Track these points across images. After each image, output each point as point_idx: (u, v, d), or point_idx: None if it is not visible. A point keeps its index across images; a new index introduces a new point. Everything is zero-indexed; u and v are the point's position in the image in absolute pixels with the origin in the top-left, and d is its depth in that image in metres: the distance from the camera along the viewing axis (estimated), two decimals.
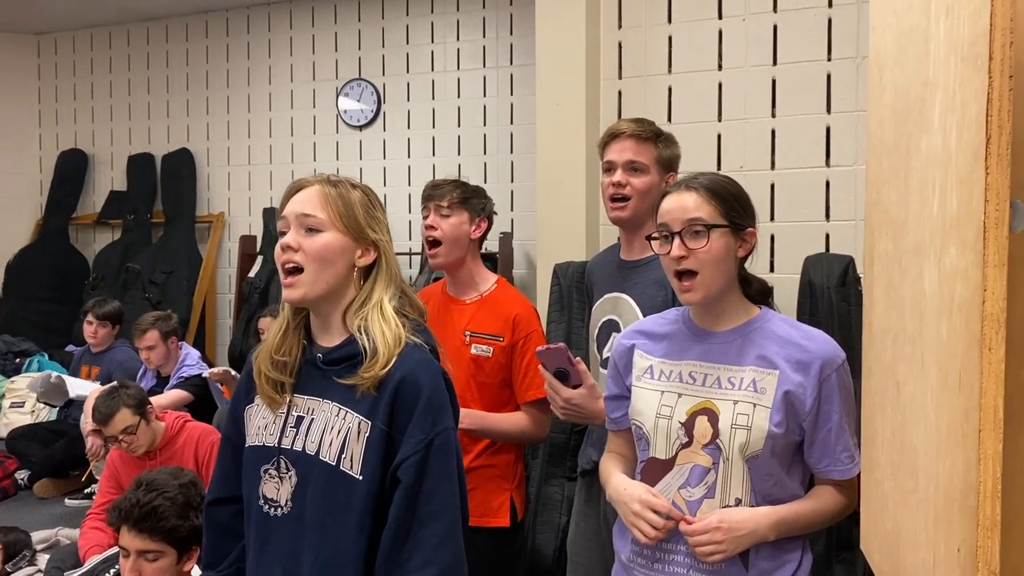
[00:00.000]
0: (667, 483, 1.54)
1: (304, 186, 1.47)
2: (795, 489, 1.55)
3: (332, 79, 5.67)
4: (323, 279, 1.42)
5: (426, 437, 1.37)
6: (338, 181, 1.47)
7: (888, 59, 1.19)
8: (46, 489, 4.35)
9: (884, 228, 1.18)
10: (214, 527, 1.57)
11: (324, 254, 1.41)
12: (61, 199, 6.44)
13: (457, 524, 1.40)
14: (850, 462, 1.52)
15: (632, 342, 1.68)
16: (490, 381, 2.30)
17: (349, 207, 1.44)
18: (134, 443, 3.15)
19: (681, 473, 1.53)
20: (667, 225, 1.56)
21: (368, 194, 1.50)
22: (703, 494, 1.51)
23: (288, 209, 1.45)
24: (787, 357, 1.50)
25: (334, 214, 1.43)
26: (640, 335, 1.68)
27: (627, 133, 2.06)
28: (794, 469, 1.54)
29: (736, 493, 1.50)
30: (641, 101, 3.62)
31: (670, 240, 1.54)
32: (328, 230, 1.42)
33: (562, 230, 3.56)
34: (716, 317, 1.58)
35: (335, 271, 1.42)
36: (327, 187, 1.45)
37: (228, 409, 1.61)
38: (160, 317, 4.23)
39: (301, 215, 1.43)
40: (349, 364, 1.41)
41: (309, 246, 1.41)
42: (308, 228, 1.42)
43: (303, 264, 1.41)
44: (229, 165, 6.05)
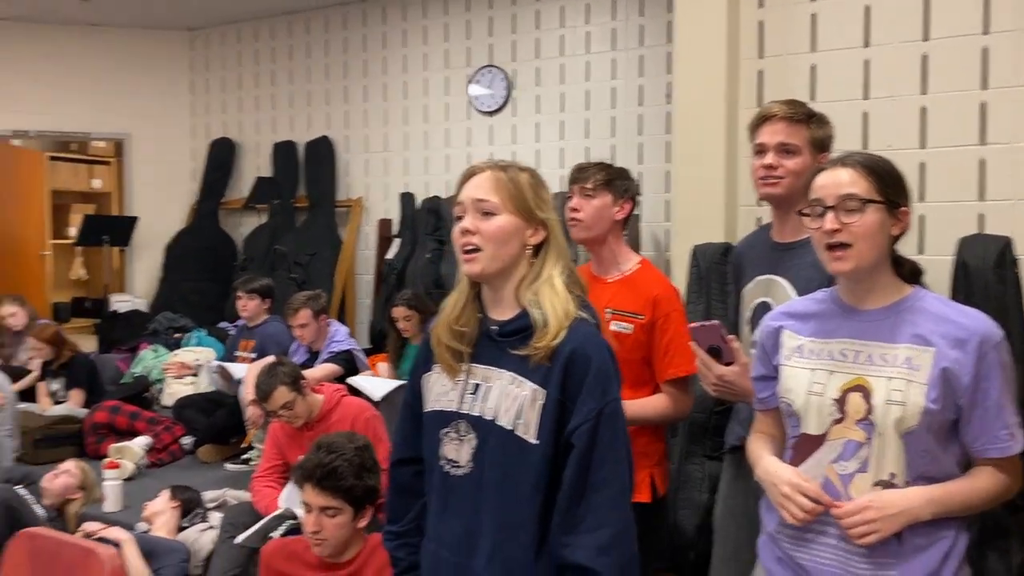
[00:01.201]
0: (819, 458, 1.57)
1: (477, 172, 1.57)
2: (950, 468, 1.54)
3: (464, 66, 5.82)
4: (499, 257, 1.52)
5: (597, 406, 1.45)
6: (507, 166, 1.57)
7: None
8: (209, 454, 4.71)
9: None
10: (397, 486, 1.70)
11: (499, 235, 1.52)
12: (212, 185, 6.90)
13: (626, 490, 1.48)
14: (1009, 439, 1.51)
15: (779, 324, 1.70)
16: (630, 358, 2.32)
17: (519, 190, 1.54)
18: (293, 416, 3.36)
19: (833, 448, 1.55)
20: (820, 200, 1.57)
21: (535, 176, 1.59)
22: (856, 468, 1.53)
23: (464, 194, 1.56)
24: (943, 334, 1.50)
25: (506, 198, 1.52)
26: (787, 316, 1.71)
27: (779, 115, 2.07)
28: (950, 448, 1.54)
29: (890, 468, 1.51)
30: (782, 81, 3.57)
31: (823, 215, 1.56)
32: (501, 213, 1.52)
33: (700, 212, 3.57)
34: (866, 294, 1.58)
35: (509, 250, 1.52)
36: (498, 172, 1.55)
37: (409, 378, 1.72)
38: (311, 296, 4.49)
39: (476, 200, 1.53)
40: (522, 336, 1.50)
41: (485, 229, 1.52)
42: (483, 212, 1.52)
43: (481, 245, 1.51)
44: (367, 152, 6.32)
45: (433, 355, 1.60)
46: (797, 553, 1.60)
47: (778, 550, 1.65)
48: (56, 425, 4.79)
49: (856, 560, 1.53)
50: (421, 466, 1.64)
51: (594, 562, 1.42)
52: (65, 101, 6.87)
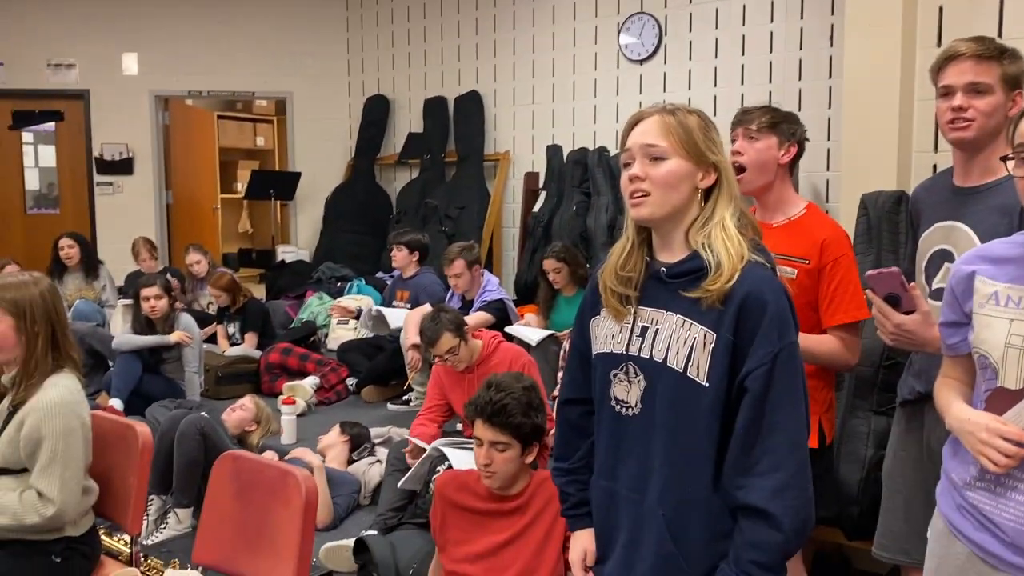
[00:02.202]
0: (1018, 411, 1.49)
1: (644, 117, 1.53)
2: None
3: (614, 15, 5.74)
4: (669, 202, 1.50)
5: (773, 350, 1.43)
6: (675, 109, 1.53)
7: None
8: (371, 394, 4.99)
9: None
10: (565, 424, 1.75)
11: (669, 180, 1.49)
12: (367, 142, 7.17)
13: (803, 435, 1.46)
14: None
15: (972, 267, 1.61)
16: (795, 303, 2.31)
17: (689, 133, 1.50)
18: (457, 360, 3.51)
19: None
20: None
21: (704, 118, 1.54)
22: None
23: (631, 140, 1.53)
24: None
25: (676, 142, 1.49)
26: (982, 260, 1.61)
27: (966, 53, 1.93)
28: None
29: None
30: (966, 16, 3.33)
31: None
32: (671, 157, 1.49)
33: (871, 159, 3.42)
34: None
35: (679, 194, 1.50)
36: (666, 116, 1.51)
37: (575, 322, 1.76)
38: (465, 247, 4.64)
39: (645, 145, 1.50)
40: (693, 278, 1.48)
41: (655, 174, 1.49)
42: (653, 157, 1.50)
43: (650, 191, 1.50)
44: (514, 105, 6.38)
45: (600, 299, 1.61)
46: (984, 504, 1.54)
47: (961, 499, 1.60)
48: (235, 364, 5.19)
49: None
50: (589, 406, 1.67)
51: (769, 504, 1.41)
52: (232, 63, 7.30)
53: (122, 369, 4.51)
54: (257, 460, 2.38)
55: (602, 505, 1.64)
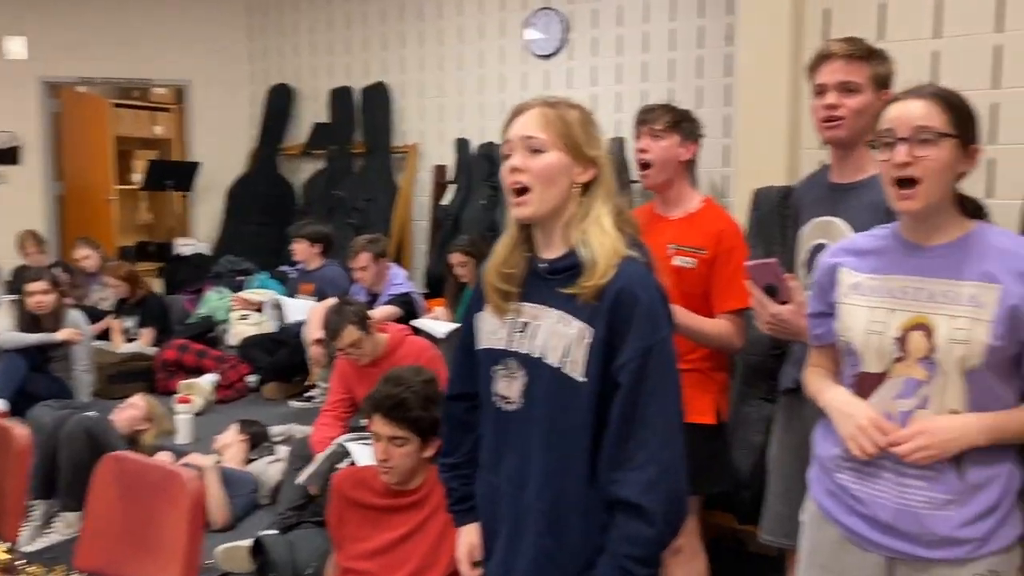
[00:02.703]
0: (881, 396, 1.56)
1: (525, 109, 1.53)
2: (1011, 402, 1.53)
3: (519, 9, 5.76)
4: (548, 197, 1.50)
5: (644, 344, 1.45)
6: (557, 102, 1.53)
7: None
8: (273, 391, 4.89)
9: None
10: (451, 420, 1.75)
11: (548, 173, 1.49)
12: (271, 131, 7.00)
13: (676, 427, 1.49)
14: None
15: (836, 260, 1.68)
16: (692, 291, 2.39)
17: (568, 127, 1.50)
18: (360, 354, 3.47)
19: (895, 386, 1.54)
20: (892, 131, 1.52)
21: (585, 113, 1.55)
22: (916, 405, 1.52)
23: (512, 132, 1.53)
24: (1010, 270, 1.47)
25: (555, 135, 1.50)
26: (845, 252, 1.68)
27: (838, 53, 2.01)
28: (1013, 383, 1.52)
29: (951, 405, 1.50)
30: (850, 19, 3.48)
31: (893, 146, 1.51)
32: (550, 150, 1.49)
33: (763, 155, 3.53)
34: (930, 231, 1.55)
35: (558, 189, 1.51)
36: (547, 108, 1.51)
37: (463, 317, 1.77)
38: (371, 239, 4.59)
39: (524, 137, 1.50)
40: (571, 274, 1.50)
41: (534, 166, 1.49)
42: (532, 149, 1.50)
43: (529, 184, 1.50)
44: (422, 97, 6.33)
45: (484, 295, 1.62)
46: (853, 484, 1.61)
47: (831, 482, 1.66)
48: (128, 362, 5.00)
49: (912, 494, 1.54)
50: (475, 401, 1.68)
51: (641, 498, 1.43)
52: (128, 49, 7.00)
53: (6, 368, 4.29)
54: (142, 461, 2.30)
55: (486, 500, 1.65)
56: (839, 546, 1.65)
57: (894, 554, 1.58)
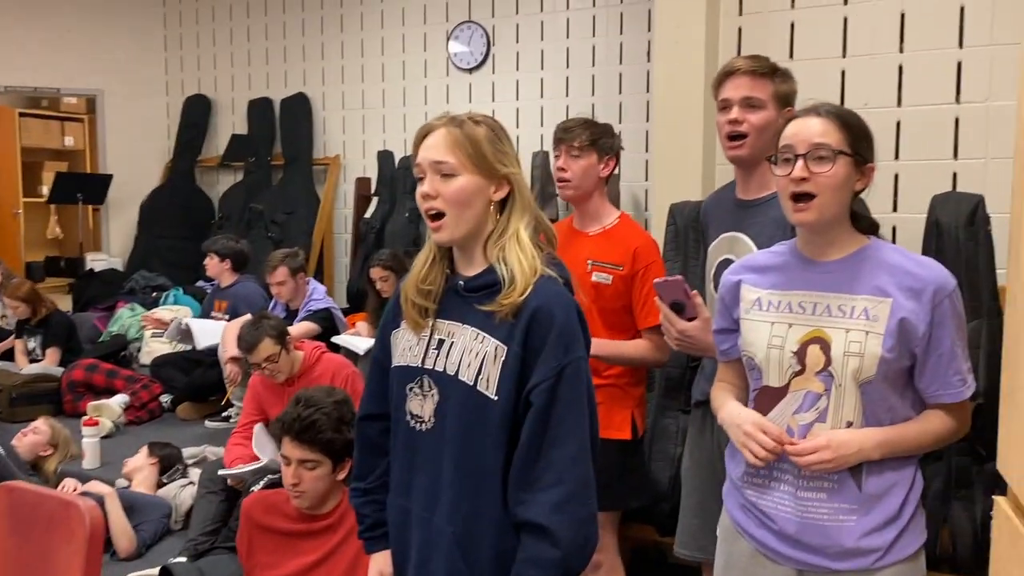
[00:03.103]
0: (781, 410, 1.59)
1: (431, 130, 1.51)
2: (907, 414, 1.57)
3: (442, 22, 5.74)
4: (464, 219, 1.49)
5: (558, 364, 1.44)
6: (462, 121, 1.50)
7: None
8: (187, 412, 4.72)
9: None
10: (364, 442, 1.70)
11: (460, 197, 1.48)
12: (187, 143, 6.80)
13: (586, 447, 1.47)
14: (961, 385, 1.53)
15: (738, 277, 1.71)
16: (610, 307, 2.43)
17: (477, 146, 1.48)
18: (276, 370, 3.38)
19: (795, 400, 1.57)
20: (791, 147, 1.56)
21: (494, 128, 1.53)
22: (815, 418, 1.56)
23: (420, 156, 1.51)
24: (899, 285, 1.52)
25: (464, 156, 1.47)
26: (746, 270, 1.72)
27: (742, 70, 2.04)
28: (907, 394, 1.57)
29: (848, 417, 1.53)
30: (762, 38, 3.57)
31: (792, 162, 1.55)
32: (461, 173, 1.48)
33: (678, 170, 3.58)
34: (825, 246, 1.59)
35: (474, 211, 1.49)
36: (452, 128, 1.49)
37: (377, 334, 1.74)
38: (288, 254, 4.48)
39: (433, 163, 1.48)
40: (489, 291, 1.49)
41: (446, 191, 1.48)
42: (443, 174, 1.48)
43: (444, 209, 1.48)
44: (344, 109, 6.24)
45: (401, 311, 1.59)
46: (759, 500, 1.63)
47: (741, 497, 1.68)
48: (32, 383, 4.76)
49: (815, 506, 1.56)
50: (388, 422, 1.63)
51: (548, 520, 1.41)
52: (36, 56, 6.72)
53: None
54: (36, 491, 2.18)
55: (397, 524, 1.61)
56: (752, 560, 1.67)
57: (803, 566, 1.60)
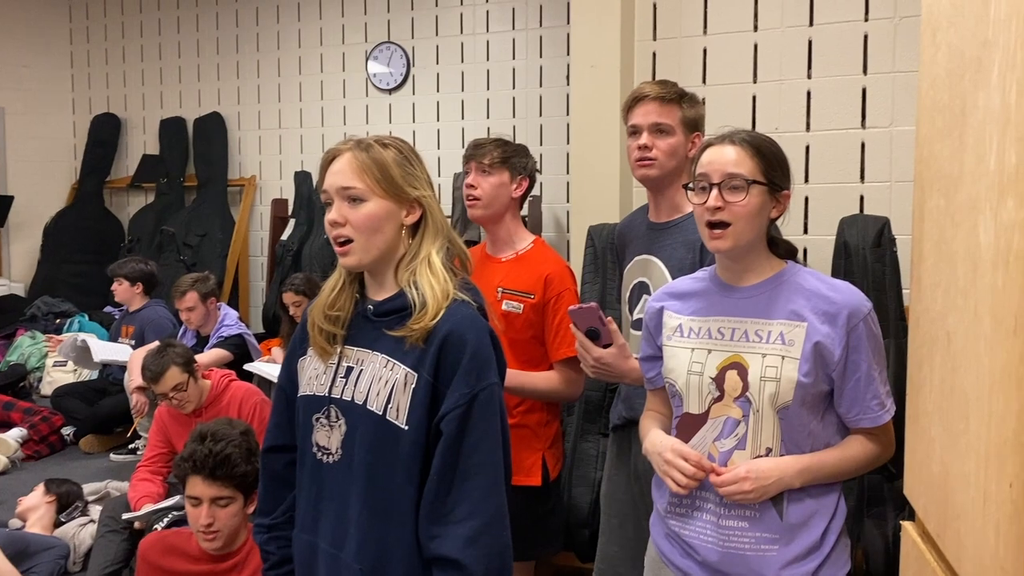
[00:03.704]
0: (702, 436, 1.59)
1: (336, 155, 1.47)
2: (829, 439, 1.58)
3: (361, 42, 5.68)
4: (374, 244, 1.45)
5: (471, 391, 1.40)
6: (369, 144, 1.47)
7: (942, 20, 1.21)
8: (91, 444, 4.49)
9: (935, 185, 1.22)
10: (269, 475, 1.63)
11: (370, 223, 1.44)
12: (95, 163, 6.54)
13: (500, 478, 1.43)
14: (880, 409, 1.54)
15: (661, 304, 1.72)
16: (520, 337, 2.33)
17: (385, 170, 1.45)
18: (183, 400, 3.25)
19: (715, 426, 1.57)
20: (707, 176, 1.57)
21: (403, 151, 1.50)
22: (734, 445, 1.55)
23: (328, 183, 1.47)
24: (814, 309, 1.53)
25: (372, 181, 1.44)
26: (668, 296, 1.72)
27: (651, 96, 2.07)
28: (828, 418, 1.57)
29: (767, 443, 1.53)
30: (676, 63, 3.62)
31: (707, 191, 1.56)
32: (370, 199, 1.44)
33: (596, 193, 3.60)
34: (743, 272, 1.61)
35: (384, 236, 1.45)
36: (359, 152, 1.45)
37: (283, 362, 1.67)
38: (198, 279, 4.32)
39: (341, 188, 1.44)
40: (399, 316, 1.44)
41: (355, 218, 1.44)
42: (351, 199, 1.44)
43: (352, 236, 1.44)
44: (260, 129, 6.10)
45: (308, 338, 1.53)
46: (683, 530, 1.62)
47: (666, 527, 1.67)
48: None
49: (737, 536, 1.55)
50: (294, 454, 1.57)
51: (461, 554, 1.36)
52: None
53: None
54: None
55: (303, 561, 1.53)
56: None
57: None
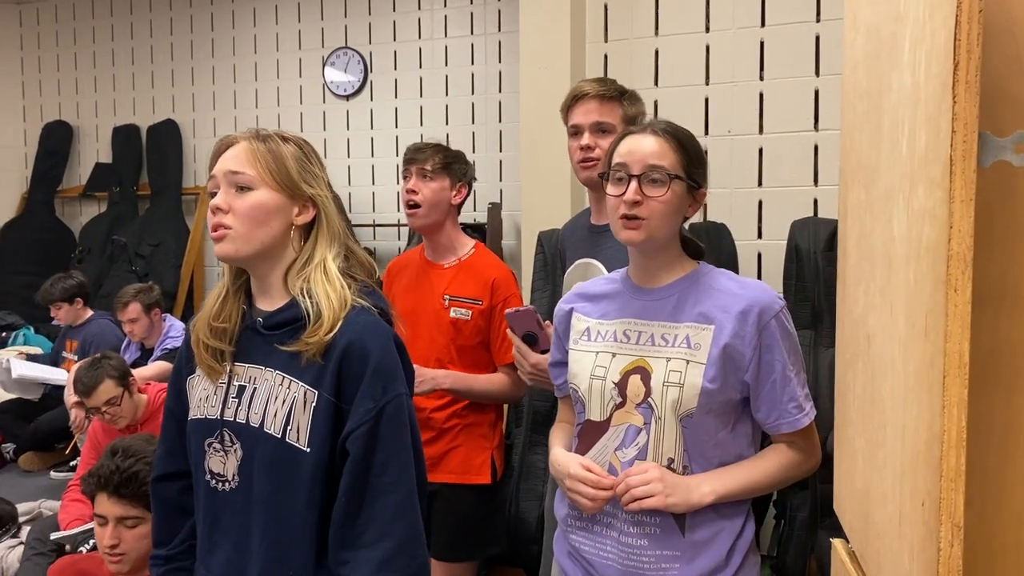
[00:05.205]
0: (603, 445, 1.49)
1: (233, 143, 1.39)
2: (741, 450, 1.47)
3: (318, 48, 5.58)
4: (256, 237, 1.34)
5: (376, 406, 1.30)
6: (268, 136, 1.39)
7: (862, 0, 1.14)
8: (31, 462, 4.34)
9: (857, 176, 1.14)
10: (162, 504, 1.52)
11: (255, 213, 1.34)
12: (46, 172, 6.37)
13: (413, 495, 1.33)
14: (798, 412, 1.44)
15: (571, 306, 1.62)
16: (469, 344, 2.34)
17: (280, 162, 1.36)
18: (117, 415, 3.13)
19: (616, 434, 1.47)
20: (626, 166, 1.47)
21: (303, 147, 1.42)
22: (635, 455, 1.45)
23: (217, 167, 1.38)
24: (724, 308, 1.44)
25: (264, 170, 1.35)
26: (579, 298, 1.63)
27: (591, 94, 2.00)
28: (740, 429, 1.47)
29: (669, 453, 1.43)
30: (627, 64, 3.55)
31: (625, 182, 1.46)
32: (259, 188, 1.34)
33: (547, 198, 3.52)
34: (655, 272, 1.52)
35: (269, 231, 1.35)
36: (255, 142, 1.37)
37: (169, 383, 1.55)
38: (141, 290, 4.19)
39: (229, 172, 1.35)
40: (292, 329, 1.34)
41: (239, 206, 1.34)
42: (238, 187, 1.35)
43: (232, 225, 1.34)
44: (215, 136, 5.96)
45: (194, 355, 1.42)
46: (583, 546, 1.52)
47: (567, 544, 1.57)
48: None
49: (637, 554, 1.45)
50: (189, 480, 1.46)
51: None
52: None
53: None
54: None
55: None
56: None
57: None
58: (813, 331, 2.90)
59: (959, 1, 0.73)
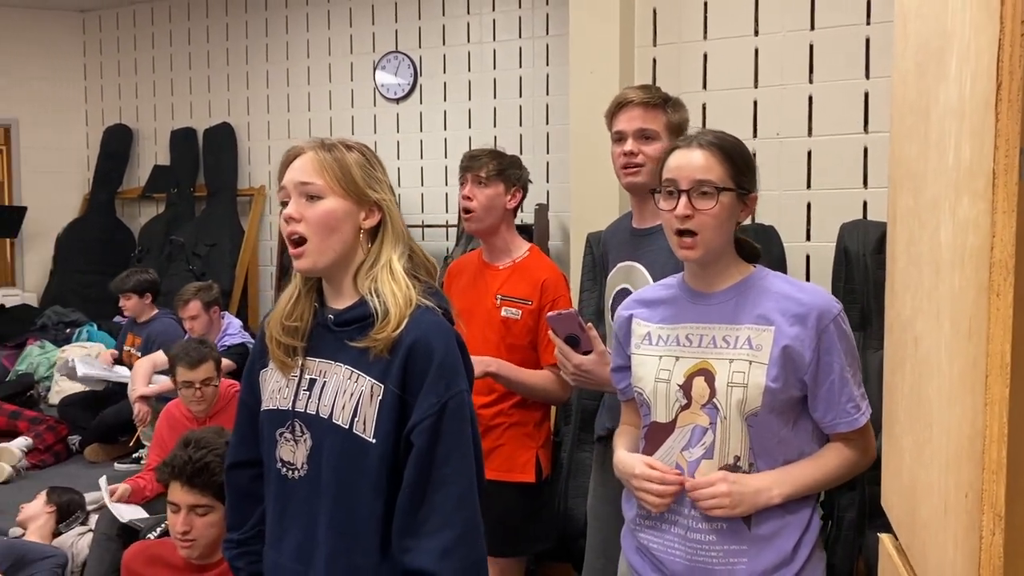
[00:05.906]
0: (669, 446, 1.54)
1: (299, 153, 1.45)
2: (803, 446, 1.52)
3: (369, 52, 5.70)
4: (329, 246, 1.41)
5: (439, 401, 1.36)
6: (332, 144, 1.45)
7: (912, 9, 1.18)
8: (96, 453, 4.51)
9: (905, 184, 1.18)
10: (235, 490, 1.60)
11: (327, 221, 1.40)
12: (107, 174, 6.61)
13: (473, 487, 1.39)
14: (855, 412, 1.49)
15: (630, 312, 1.68)
16: (519, 343, 2.38)
17: (346, 170, 1.42)
18: (206, 395, 3.32)
19: (683, 435, 1.53)
20: (675, 182, 1.53)
21: (366, 154, 1.47)
22: (701, 454, 1.51)
23: (287, 178, 1.44)
24: (783, 312, 1.49)
25: (332, 179, 1.41)
26: (638, 304, 1.69)
27: (635, 101, 2.04)
28: (801, 425, 1.52)
29: (735, 451, 1.49)
30: (676, 68, 3.59)
31: (676, 197, 1.52)
32: (328, 196, 1.40)
33: (596, 200, 3.56)
34: (712, 278, 1.57)
35: (341, 237, 1.41)
36: (321, 152, 1.43)
37: (243, 375, 1.64)
38: (201, 288, 4.33)
39: (299, 183, 1.41)
40: (361, 326, 1.41)
41: (311, 215, 1.40)
42: (308, 196, 1.40)
43: (307, 234, 1.40)
44: (269, 139, 6.14)
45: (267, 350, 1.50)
46: (651, 543, 1.58)
47: (636, 540, 1.63)
48: None
49: (704, 549, 1.51)
50: (260, 468, 1.54)
51: (436, 566, 1.33)
52: None
53: None
54: None
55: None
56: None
57: None
58: (862, 333, 2.90)
59: (1002, 24, 0.77)
